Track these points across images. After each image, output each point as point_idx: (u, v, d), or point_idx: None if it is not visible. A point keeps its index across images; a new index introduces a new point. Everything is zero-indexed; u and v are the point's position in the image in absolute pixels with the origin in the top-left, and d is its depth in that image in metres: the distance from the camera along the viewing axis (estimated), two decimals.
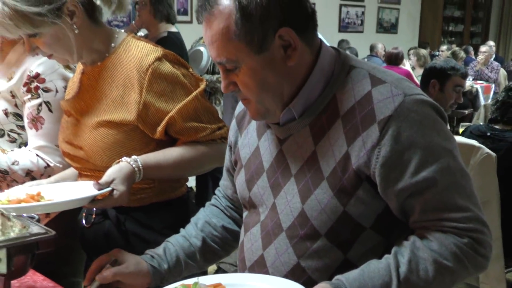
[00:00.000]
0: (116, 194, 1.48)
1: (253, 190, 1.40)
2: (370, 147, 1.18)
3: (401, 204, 1.20)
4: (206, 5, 1.23)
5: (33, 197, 1.47)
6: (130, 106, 1.59)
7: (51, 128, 1.82)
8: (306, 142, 1.28)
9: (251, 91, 1.26)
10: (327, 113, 1.26)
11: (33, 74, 1.81)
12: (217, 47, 1.23)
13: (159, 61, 1.59)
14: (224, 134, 1.69)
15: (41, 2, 1.49)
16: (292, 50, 1.22)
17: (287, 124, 1.31)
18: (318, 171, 1.25)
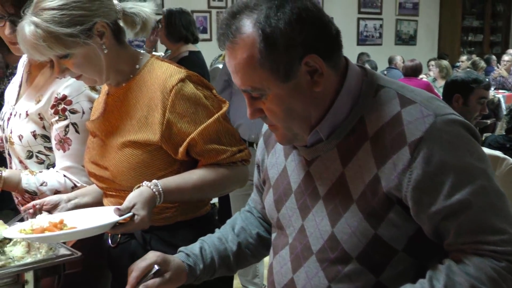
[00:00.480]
0: (137, 219, 1.50)
1: (281, 211, 1.39)
2: (401, 170, 1.16)
3: (435, 227, 1.17)
4: (228, 34, 1.21)
5: (56, 226, 1.48)
6: (154, 127, 1.61)
7: (78, 149, 1.84)
8: (334, 164, 1.26)
9: (278, 118, 1.24)
10: (355, 134, 1.23)
11: (60, 96, 1.83)
12: (242, 76, 1.21)
13: (183, 82, 1.61)
14: (244, 156, 1.69)
15: (73, 23, 1.53)
16: (318, 75, 1.20)
17: (314, 145, 1.29)
18: (347, 194, 1.23)
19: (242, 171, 1.70)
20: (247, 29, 1.18)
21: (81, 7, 1.54)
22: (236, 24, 1.19)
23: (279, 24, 1.16)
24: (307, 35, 1.17)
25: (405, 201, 1.17)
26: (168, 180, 1.60)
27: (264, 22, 1.16)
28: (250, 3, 1.20)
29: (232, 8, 1.23)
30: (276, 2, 1.18)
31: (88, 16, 1.55)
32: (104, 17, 1.58)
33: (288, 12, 1.16)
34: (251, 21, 1.18)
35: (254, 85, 1.21)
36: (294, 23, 1.16)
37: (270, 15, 1.16)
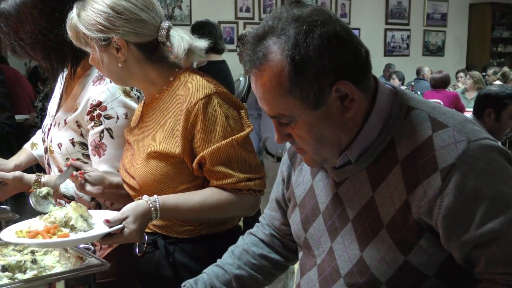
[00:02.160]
0: (125, 232, 1.52)
1: (309, 231, 1.37)
2: (431, 196, 1.12)
3: (466, 255, 1.15)
4: (255, 60, 1.17)
5: (48, 231, 1.51)
6: (177, 139, 1.63)
7: (112, 154, 1.87)
8: (364, 186, 1.23)
9: (307, 144, 1.22)
10: (385, 157, 1.21)
11: (95, 102, 1.86)
12: (269, 103, 1.18)
13: (208, 98, 1.61)
14: (253, 186, 1.65)
15: (94, 28, 1.62)
16: (349, 101, 1.17)
17: (343, 167, 1.27)
18: (377, 218, 1.20)
19: (248, 201, 1.66)
20: (275, 56, 1.14)
21: (106, 19, 1.61)
22: (262, 50, 1.16)
23: (309, 52, 1.12)
24: (337, 61, 1.14)
25: (435, 228, 1.15)
26: (168, 197, 1.61)
27: (293, 49, 1.12)
28: (277, 26, 1.16)
29: (257, 31, 1.19)
30: (305, 28, 1.13)
31: (108, 28, 1.61)
32: (123, 35, 1.62)
33: (317, 38, 1.12)
34: (278, 47, 1.14)
35: (283, 112, 1.18)
36: (324, 49, 1.12)
37: (299, 42, 1.12)
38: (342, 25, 1.17)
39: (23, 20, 1.85)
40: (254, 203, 1.69)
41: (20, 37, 1.87)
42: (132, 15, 1.62)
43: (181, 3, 7.75)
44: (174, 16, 7.71)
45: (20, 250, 1.70)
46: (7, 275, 1.55)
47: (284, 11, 1.18)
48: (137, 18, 1.62)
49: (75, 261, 1.59)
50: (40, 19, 1.85)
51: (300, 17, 1.15)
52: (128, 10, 1.62)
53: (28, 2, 1.84)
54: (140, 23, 1.63)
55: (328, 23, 1.15)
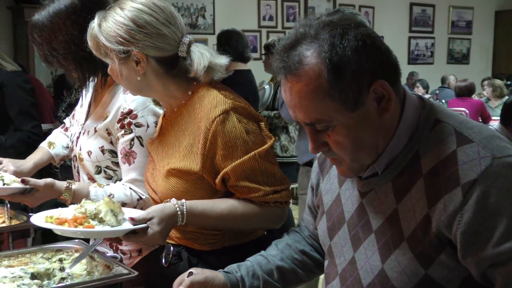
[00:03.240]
0: (149, 232, 1.53)
1: (334, 239, 1.38)
2: (451, 211, 1.12)
3: (482, 273, 1.13)
4: (290, 66, 1.16)
5: (75, 220, 1.54)
6: (197, 156, 1.62)
7: (142, 162, 1.88)
8: (388, 198, 1.23)
9: (345, 149, 1.20)
10: (410, 170, 1.20)
11: (126, 110, 1.89)
12: (306, 109, 1.17)
13: (226, 114, 1.60)
14: (279, 198, 1.64)
15: (114, 40, 1.62)
16: (386, 101, 1.17)
17: (368, 178, 1.27)
18: (399, 230, 1.20)
19: (274, 213, 1.65)
20: (311, 60, 1.14)
21: (127, 31, 1.61)
22: (297, 55, 1.16)
23: (346, 52, 1.13)
24: (374, 61, 1.15)
25: (455, 243, 1.14)
26: (196, 203, 1.61)
27: (329, 51, 1.13)
28: (309, 32, 1.17)
29: (287, 40, 1.19)
30: (339, 30, 1.15)
31: (128, 41, 1.62)
32: (143, 49, 1.62)
33: (353, 39, 1.13)
34: (314, 51, 1.14)
35: (321, 117, 1.17)
36: (361, 49, 1.13)
37: (335, 44, 1.13)
38: (371, 29, 1.20)
39: (56, 30, 1.89)
40: (281, 214, 1.68)
41: (53, 47, 1.91)
42: (153, 29, 1.62)
43: (204, 12, 7.81)
44: (197, 25, 7.77)
45: (48, 258, 1.73)
46: (36, 282, 1.58)
47: (313, 19, 1.20)
48: (158, 33, 1.62)
49: (102, 269, 1.62)
50: (73, 29, 1.88)
51: (331, 22, 1.18)
52: (149, 24, 1.61)
53: (61, 13, 1.89)
54: (161, 37, 1.63)
55: (359, 26, 1.17)
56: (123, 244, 1.98)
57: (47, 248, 1.77)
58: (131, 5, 1.63)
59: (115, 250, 1.99)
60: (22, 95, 3.22)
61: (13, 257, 1.72)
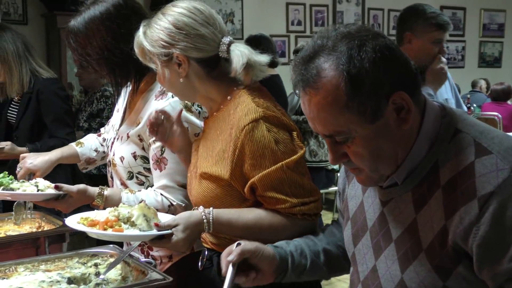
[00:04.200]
0: (173, 239, 1.56)
1: (357, 246, 1.38)
2: (467, 224, 1.11)
3: (499, 287, 1.12)
4: (308, 78, 1.17)
5: (106, 223, 1.61)
6: (227, 163, 1.64)
7: (173, 168, 1.91)
8: (407, 208, 1.23)
9: (365, 161, 1.20)
10: (429, 180, 1.20)
11: None
12: (325, 121, 1.18)
13: (255, 122, 1.60)
14: (307, 210, 1.62)
15: (157, 44, 1.68)
16: (406, 112, 1.17)
17: (389, 187, 1.27)
18: (417, 241, 1.20)
19: (302, 225, 1.64)
20: (329, 72, 1.14)
21: (168, 34, 1.66)
22: (315, 68, 1.16)
23: (364, 64, 1.13)
24: (393, 73, 1.15)
25: (471, 255, 1.13)
26: (223, 211, 1.63)
27: (347, 63, 1.13)
28: (326, 44, 1.17)
29: (305, 53, 1.20)
30: (357, 42, 1.15)
31: (169, 44, 1.66)
32: (183, 50, 1.66)
33: (371, 51, 1.14)
34: (332, 63, 1.14)
35: (339, 129, 1.17)
36: (378, 61, 1.13)
37: (353, 56, 1.13)
38: (390, 39, 1.20)
39: (90, 36, 1.94)
40: (309, 227, 1.66)
41: (87, 52, 1.96)
42: (192, 30, 1.66)
43: (233, 17, 7.85)
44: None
45: (84, 262, 1.77)
46: (73, 287, 1.61)
47: (331, 30, 1.20)
48: (197, 33, 1.66)
49: (136, 275, 1.65)
50: (107, 35, 1.93)
51: (349, 34, 1.17)
52: (188, 25, 1.66)
53: (96, 19, 1.94)
54: (200, 38, 1.66)
55: (377, 37, 1.17)
56: (154, 249, 2.01)
57: (82, 253, 1.81)
58: (172, 10, 1.69)
59: (146, 256, 2.02)
60: (58, 102, 3.30)
61: (50, 261, 1.77)
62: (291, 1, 8.27)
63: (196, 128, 1.93)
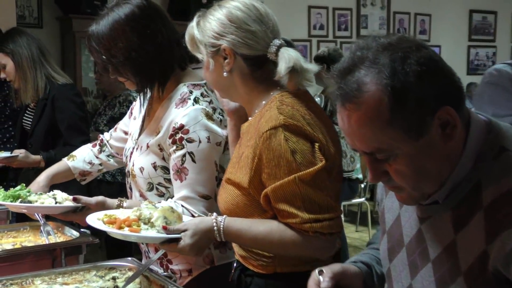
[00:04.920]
0: (180, 244, 1.61)
1: (393, 262, 1.38)
2: (509, 250, 1.09)
3: None
4: (348, 93, 1.14)
5: (124, 222, 1.68)
6: (247, 171, 1.65)
7: (194, 178, 1.92)
8: (446, 227, 1.21)
9: (407, 179, 1.18)
10: (470, 201, 1.18)
11: (177, 125, 1.93)
12: (366, 138, 1.15)
13: (274, 130, 1.60)
14: (319, 228, 1.59)
15: (207, 34, 1.72)
16: (451, 128, 1.15)
17: (428, 205, 1.25)
18: (456, 263, 1.18)
19: (314, 243, 1.61)
20: (371, 87, 1.12)
21: (219, 25, 1.70)
22: (355, 81, 1.14)
23: (408, 78, 1.10)
24: (438, 86, 1.13)
25: None
26: (235, 220, 1.66)
27: (391, 77, 1.11)
28: (367, 56, 1.15)
29: (344, 65, 1.18)
30: (400, 54, 1.12)
31: (219, 35, 1.70)
32: (232, 44, 1.69)
33: (415, 63, 1.11)
34: (373, 77, 1.12)
35: (381, 147, 1.15)
36: (424, 74, 1.11)
37: (397, 69, 1.11)
38: (433, 50, 1.18)
39: (116, 37, 1.96)
40: (324, 246, 1.63)
41: (112, 54, 1.98)
42: (243, 24, 1.68)
43: None
44: None
45: (102, 276, 1.79)
46: None
47: (371, 41, 1.18)
48: (248, 29, 1.68)
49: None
50: (132, 35, 1.96)
51: (390, 45, 1.15)
52: (240, 19, 1.69)
53: (121, 20, 1.96)
54: (250, 34, 1.68)
55: (420, 49, 1.15)
56: (173, 263, 2.02)
57: (100, 266, 1.83)
58: (229, 2, 1.73)
59: (165, 270, 2.03)
60: (73, 109, 3.31)
61: (67, 274, 1.79)
62: (313, 4, 8.29)
63: (217, 137, 1.94)
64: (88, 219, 1.75)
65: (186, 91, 2.00)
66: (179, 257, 1.98)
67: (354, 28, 8.70)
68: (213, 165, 1.94)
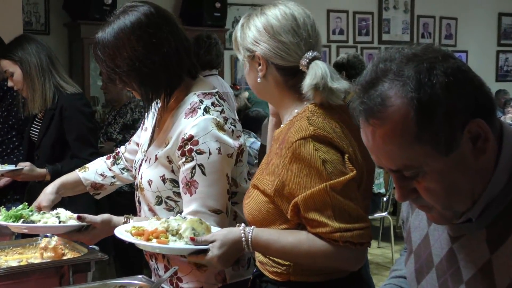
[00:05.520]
0: (208, 256, 1.65)
1: (421, 284, 1.37)
2: None
3: None
4: (372, 108, 1.14)
5: (152, 233, 1.73)
6: (274, 179, 1.68)
7: (204, 192, 1.92)
8: (481, 247, 1.19)
9: (438, 197, 1.17)
10: (507, 217, 1.16)
11: (187, 136, 1.93)
12: (392, 154, 1.15)
13: (303, 140, 1.63)
14: (349, 238, 1.61)
15: (245, 38, 1.80)
16: (483, 141, 1.13)
17: (461, 223, 1.23)
18: (492, 285, 1.17)
19: (344, 254, 1.63)
20: (396, 100, 1.11)
21: (256, 32, 1.77)
22: (379, 95, 1.13)
23: (436, 91, 1.10)
24: (467, 98, 1.12)
25: None
26: (263, 231, 1.69)
27: (417, 90, 1.10)
28: (391, 67, 1.14)
29: (366, 77, 1.18)
30: (425, 65, 1.11)
31: (255, 42, 1.77)
32: (263, 53, 1.75)
33: (442, 74, 1.10)
34: (398, 90, 1.12)
35: (409, 163, 1.14)
36: (452, 86, 1.10)
37: (423, 81, 1.10)
38: (461, 60, 1.17)
39: (120, 46, 1.96)
40: (353, 256, 1.65)
41: (116, 63, 1.98)
42: (276, 34, 1.73)
43: None
44: None
45: None
46: None
47: (394, 52, 1.18)
48: (279, 40, 1.73)
49: None
50: (138, 45, 1.96)
51: (415, 56, 1.15)
52: (273, 29, 1.73)
53: (126, 29, 1.97)
54: (281, 45, 1.73)
55: (447, 59, 1.14)
56: (183, 281, 2.02)
57: (110, 284, 1.84)
58: (269, 9, 1.79)
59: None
60: (81, 120, 3.30)
61: None
62: (332, 8, 8.31)
63: (228, 148, 1.94)
64: (116, 231, 1.79)
65: (196, 101, 2.00)
66: (189, 275, 1.99)
67: (376, 33, 8.71)
68: (224, 177, 1.94)
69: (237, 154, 1.97)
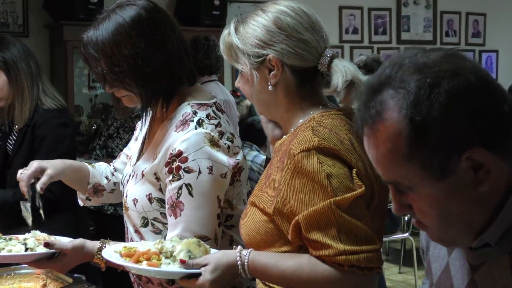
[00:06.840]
0: (199, 280, 1.66)
1: None
2: None
3: None
4: (366, 118, 1.18)
5: (143, 255, 1.74)
6: (273, 195, 1.68)
7: (190, 215, 1.90)
8: (504, 275, 1.20)
9: (430, 220, 1.20)
10: None
11: (175, 152, 1.91)
12: (384, 168, 1.19)
13: (306, 152, 1.64)
14: (356, 262, 1.60)
15: (249, 42, 1.76)
16: (484, 172, 1.14)
17: (480, 249, 1.24)
18: None
19: (349, 279, 1.62)
20: (391, 114, 1.14)
21: (267, 33, 1.74)
22: (377, 105, 1.16)
23: (432, 112, 1.10)
24: (469, 123, 1.12)
25: None
26: (261, 254, 1.69)
27: (412, 107, 1.12)
28: (395, 76, 1.16)
29: (372, 80, 1.20)
30: (429, 81, 1.12)
31: (266, 44, 1.74)
32: (281, 54, 1.73)
33: (444, 94, 1.11)
34: (395, 104, 1.14)
35: (399, 180, 1.18)
36: (453, 108, 1.11)
37: (421, 99, 1.11)
38: (479, 75, 1.15)
39: (119, 43, 1.95)
40: (360, 282, 1.64)
41: (114, 62, 1.96)
42: (295, 33, 1.73)
43: None
44: None
45: None
46: None
47: (406, 57, 1.19)
48: (300, 38, 1.73)
49: None
50: (139, 41, 1.96)
51: (424, 66, 1.15)
52: (291, 26, 1.73)
53: (126, 24, 1.96)
54: (302, 43, 1.73)
55: (459, 73, 1.14)
56: None
57: None
58: (275, 7, 1.77)
59: None
60: (53, 142, 3.10)
61: None
62: (345, 4, 8.32)
63: (222, 168, 1.92)
64: (104, 252, 1.81)
65: (189, 112, 1.99)
66: None
67: (394, 32, 8.71)
68: (214, 200, 1.92)
69: (233, 174, 1.96)
